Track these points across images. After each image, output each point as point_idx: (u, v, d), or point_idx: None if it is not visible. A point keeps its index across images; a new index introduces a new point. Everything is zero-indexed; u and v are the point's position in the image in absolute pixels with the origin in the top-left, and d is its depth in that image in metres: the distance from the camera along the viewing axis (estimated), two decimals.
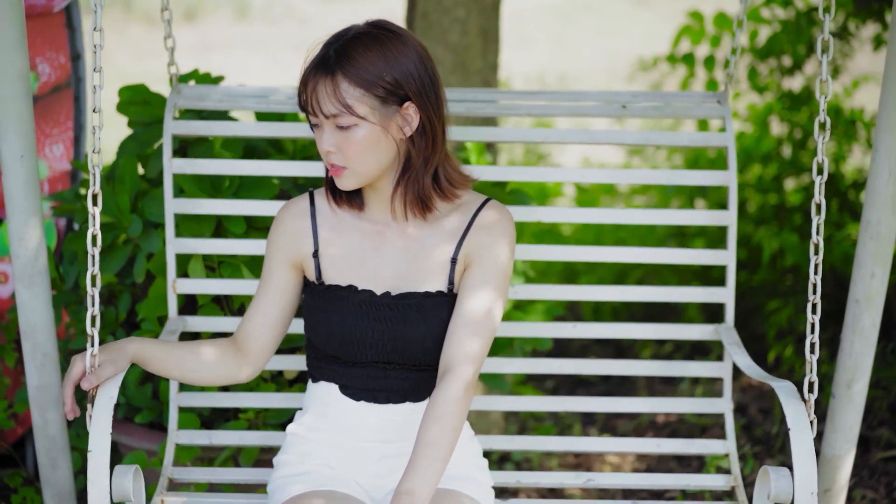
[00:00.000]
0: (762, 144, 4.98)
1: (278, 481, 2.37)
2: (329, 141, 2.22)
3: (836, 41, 4.78)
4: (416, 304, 2.31)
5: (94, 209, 2.29)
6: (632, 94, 2.94)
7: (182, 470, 2.72)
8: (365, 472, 2.36)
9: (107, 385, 2.26)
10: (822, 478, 2.91)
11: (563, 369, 2.90)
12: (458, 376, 2.22)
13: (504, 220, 2.34)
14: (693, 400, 2.90)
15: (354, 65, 2.19)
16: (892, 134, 2.66)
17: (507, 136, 3.08)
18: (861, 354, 2.80)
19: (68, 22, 3.43)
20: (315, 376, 2.40)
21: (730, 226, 2.84)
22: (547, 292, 2.91)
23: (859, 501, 3.44)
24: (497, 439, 2.84)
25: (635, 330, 2.92)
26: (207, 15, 11.86)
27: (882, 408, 3.84)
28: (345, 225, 2.35)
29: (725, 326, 2.86)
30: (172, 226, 2.79)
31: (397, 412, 2.34)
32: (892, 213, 2.71)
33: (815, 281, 2.38)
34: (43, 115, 3.39)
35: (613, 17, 12.11)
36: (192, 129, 2.84)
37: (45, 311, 2.73)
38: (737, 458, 2.80)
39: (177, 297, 2.80)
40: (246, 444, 2.81)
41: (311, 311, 2.35)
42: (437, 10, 3.81)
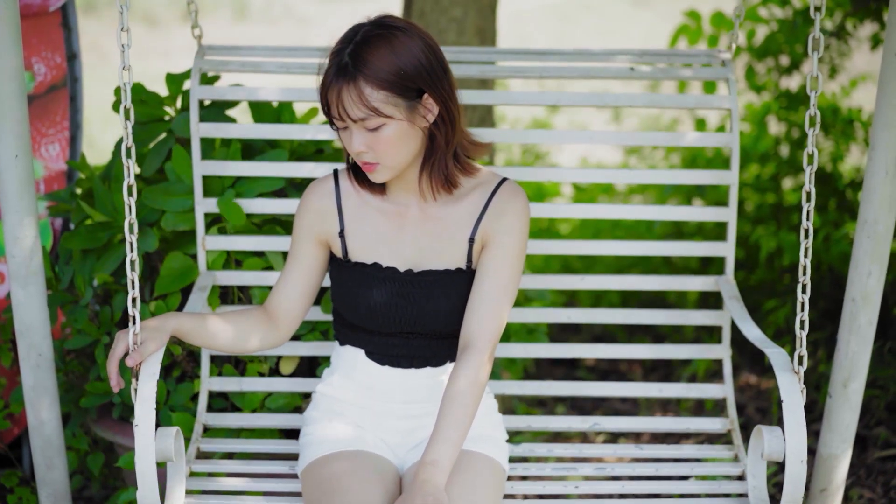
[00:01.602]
0: (760, 144, 4.98)
1: (309, 437, 2.55)
2: (359, 142, 2.34)
3: (833, 41, 4.77)
4: (436, 280, 2.47)
5: (130, 199, 2.35)
6: (639, 53, 3.00)
7: (215, 416, 2.87)
8: (390, 431, 2.55)
9: (149, 361, 2.36)
10: (818, 477, 2.90)
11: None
12: (477, 351, 2.39)
13: (519, 200, 2.48)
14: (693, 346, 3.03)
15: (372, 67, 2.29)
16: (889, 132, 2.65)
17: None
18: (857, 353, 2.80)
19: (64, 21, 3.43)
20: (342, 340, 2.58)
21: (731, 185, 2.94)
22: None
23: (856, 500, 3.44)
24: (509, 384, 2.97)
25: (638, 282, 3.02)
26: (207, 15, 11.85)
27: (880, 407, 3.84)
28: (369, 206, 2.51)
29: (725, 279, 2.98)
30: (201, 187, 2.89)
31: (419, 376, 2.53)
32: (888, 212, 2.70)
33: (805, 263, 2.44)
34: (39, 115, 3.38)
35: (613, 17, 12.11)
36: (217, 94, 2.92)
37: (41, 310, 2.73)
38: (734, 402, 2.94)
39: (206, 252, 2.91)
40: (276, 389, 2.92)
41: (339, 284, 2.53)
42: (435, 10, 3.81)
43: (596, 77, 2.99)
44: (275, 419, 2.89)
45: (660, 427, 2.94)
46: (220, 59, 2.94)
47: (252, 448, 2.79)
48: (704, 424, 2.93)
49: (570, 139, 3.07)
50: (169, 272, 2.92)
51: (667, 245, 3.01)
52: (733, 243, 2.96)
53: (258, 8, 12.34)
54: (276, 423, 2.88)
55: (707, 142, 3.01)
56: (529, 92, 3.03)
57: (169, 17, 11.70)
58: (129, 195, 2.36)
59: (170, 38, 10.90)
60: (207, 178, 2.94)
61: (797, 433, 2.35)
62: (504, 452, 2.57)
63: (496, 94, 2.99)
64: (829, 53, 4.81)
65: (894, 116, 2.64)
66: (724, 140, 2.95)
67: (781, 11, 4.84)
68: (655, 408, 4.19)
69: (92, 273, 2.99)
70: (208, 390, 2.92)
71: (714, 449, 2.86)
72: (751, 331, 2.74)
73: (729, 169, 2.95)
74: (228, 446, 2.80)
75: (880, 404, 3.84)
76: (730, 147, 2.94)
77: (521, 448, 2.84)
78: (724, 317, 2.99)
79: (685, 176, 2.99)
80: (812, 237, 2.48)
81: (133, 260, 2.37)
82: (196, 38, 3.00)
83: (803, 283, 2.44)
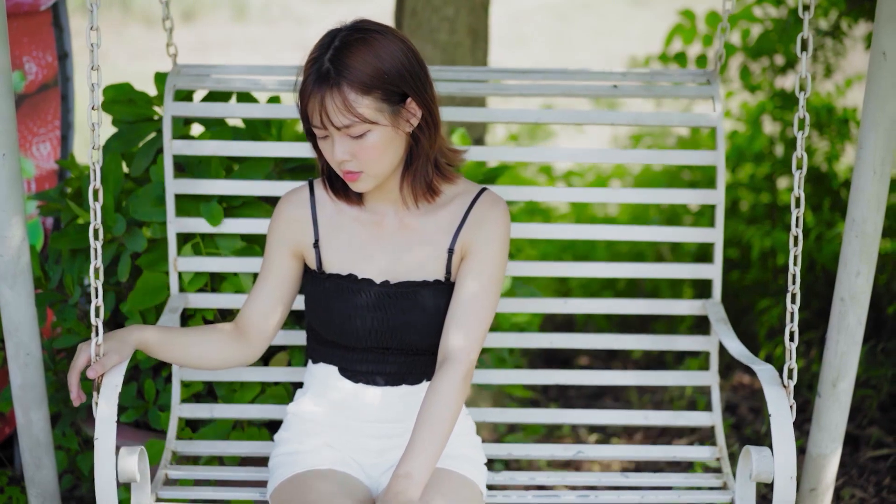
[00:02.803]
0: (754, 144, 4.97)
1: (279, 458, 2.46)
2: (343, 150, 2.27)
3: (828, 40, 4.77)
4: (413, 292, 2.39)
5: (96, 204, 2.34)
6: (622, 73, 2.97)
7: (186, 443, 2.80)
8: (363, 450, 2.45)
9: (111, 373, 2.31)
10: (808, 477, 2.90)
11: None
12: (457, 363, 2.31)
13: (499, 210, 2.41)
14: (680, 373, 2.95)
15: (355, 72, 2.22)
16: (877, 132, 2.65)
17: (496, 116, 3.06)
18: (846, 353, 2.79)
19: (55, 21, 3.43)
20: (315, 358, 2.49)
21: (718, 204, 2.88)
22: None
23: (848, 500, 3.43)
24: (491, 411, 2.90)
25: (625, 306, 2.96)
26: (206, 15, 11.86)
27: (872, 407, 3.83)
28: (344, 215, 2.43)
29: (712, 302, 2.92)
30: (173, 205, 2.84)
31: (394, 394, 2.44)
32: (876, 212, 2.70)
33: (795, 271, 2.41)
34: (30, 114, 3.38)
35: (611, 17, 12.11)
36: (191, 111, 2.88)
37: (28, 309, 2.73)
38: (722, 430, 2.87)
39: (178, 274, 2.86)
40: (247, 416, 2.87)
41: (312, 298, 2.44)
42: (426, 9, 3.81)
43: (579, 95, 2.93)
44: (249, 447, 2.80)
45: (647, 455, 2.84)
46: (194, 75, 2.90)
47: (222, 475, 2.71)
48: (692, 453, 2.85)
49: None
50: (144, 287, 2.90)
51: (652, 267, 2.95)
52: (720, 265, 2.89)
53: (257, 8, 12.34)
54: (249, 451, 2.80)
55: (692, 160, 2.95)
56: (511, 109, 2.98)
57: None
58: (95, 199, 2.33)
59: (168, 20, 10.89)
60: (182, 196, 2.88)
61: (786, 450, 2.30)
62: (482, 475, 2.49)
63: (477, 111, 2.92)
64: (823, 53, 4.81)
65: (882, 116, 2.63)
66: (710, 158, 2.89)
67: (776, 11, 4.84)
68: (648, 405, 4.20)
69: (80, 273, 2.98)
70: (178, 416, 2.84)
71: (702, 478, 2.77)
72: (737, 348, 2.68)
73: (714, 188, 2.88)
74: (197, 473, 2.72)
75: (873, 404, 3.83)
76: (715, 165, 2.88)
77: (501, 476, 2.76)
78: (712, 342, 2.92)
79: (669, 195, 2.93)
80: (801, 244, 2.42)
81: (97, 267, 2.33)
82: (171, 57, 2.94)
83: (793, 292, 2.40)
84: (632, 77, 2.96)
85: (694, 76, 2.98)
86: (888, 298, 4.18)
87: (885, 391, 3.86)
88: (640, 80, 2.96)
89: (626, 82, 2.95)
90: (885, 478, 3.53)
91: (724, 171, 2.88)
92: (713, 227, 2.92)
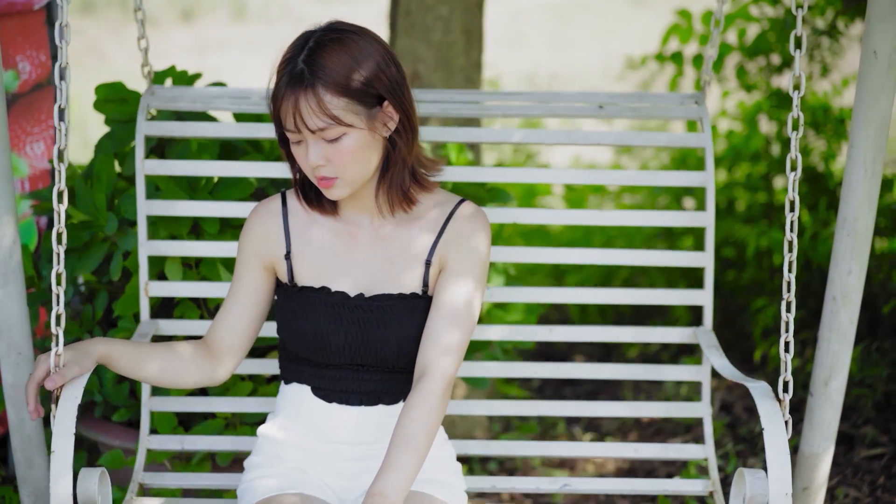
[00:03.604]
0: (751, 143, 4.97)
1: (248, 483, 2.35)
2: (317, 155, 2.17)
3: (825, 40, 4.77)
4: (389, 305, 2.29)
5: (60, 206, 2.27)
6: (609, 96, 2.92)
7: (153, 475, 2.70)
8: (336, 475, 2.34)
9: (71, 385, 2.22)
10: (800, 476, 2.89)
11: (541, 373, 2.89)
12: (436, 376, 2.21)
13: (479, 220, 2.32)
14: (672, 404, 2.88)
15: (330, 72, 2.14)
16: (868, 130, 2.65)
17: (489, 136, 3.05)
18: (838, 352, 2.79)
19: (49, 20, 3.43)
20: (287, 378, 2.38)
21: (707, 227, 2.82)
22: (529, 295, 2.91)
23: (842, 500, 3.43)
24: (475, 444, 2.82)
25: (615, 333, 2.89)
26: (205, 15, 11.86)
27: (867, 406, 3.83)
28: (318, 226, 2.33)
29: (704, 329, 2.84)
30: (145, 228, 2.78)
31: (370, 414, 2.32)
32: (868, 210, 2.70)
33: (790, 279, 2.35)
34: (24, 114, 3.39)
35: (611, 17, 12.10)
36: (165, 130, 2.82)
37: (20, 308, 2.73)
38: (715, 463, 2.79)
39: (149, 299, 2.79)
40: (219, 448, 2.79)
41: (284, 313, 2.33)
42: (420, 8, 3.80)
43: (565, 116, 2.89)
44: (219, 479, 2.72)
45: (637, 489, 2.77)
46: (168, 97, 2.86)
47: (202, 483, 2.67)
48: (684, 486, 2.78)
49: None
50: (133, 291, 2.87)
51: (643, 293, 2.87)
52: (711, 291, 2.81)
53: (256, 8, 12.33)
54: (220, 484, 2.71)
55: (681, 181, 2.89)
56: (494, 129, 2.95)
57: (167, 17, 11.70)
58: (60, 202, 2.27)
59: (168, 39, 10.91)
60: None
61: (781, 467, 2.21)
62: (462, 502, 2.38)
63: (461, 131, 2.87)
64: (820, 52, 4.81)
65: (873, 114, 2.63)
66: (700, 179, 2.84)
67: (773, 10, 4.84)
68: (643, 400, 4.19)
69: (73, 272, 2.98)
70: (147, 448, 2.76)
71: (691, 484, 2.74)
72: (729, 370, 2.62)
73: (704, 210, 2.82)
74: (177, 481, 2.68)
75: (867, 403, 3.83)
76: (704, 185, 2.83)
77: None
78: (703, 372, 2.83)
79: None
80: (796, 249, 2.35)
81: (59, 273, 2.27)
82: (145, 77, 2.90)
83: (787, 300, 2.35)
84: (619, 99, 2.91)
85: (682, 98, 2.93)
86: (884, 298, 4.17)
87: (880, 390, 3.86)
88: (628, 101, 2.91)
89: (613, 103, 2.89)
90: (879, 477, 3.53)
91: (714, 192, 2.79)
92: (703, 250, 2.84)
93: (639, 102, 2.92)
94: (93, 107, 3.02)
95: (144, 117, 2.79)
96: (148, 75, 2.89)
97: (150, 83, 2.89)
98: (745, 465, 3.69)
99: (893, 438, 3.71)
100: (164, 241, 2.79)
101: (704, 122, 2.85)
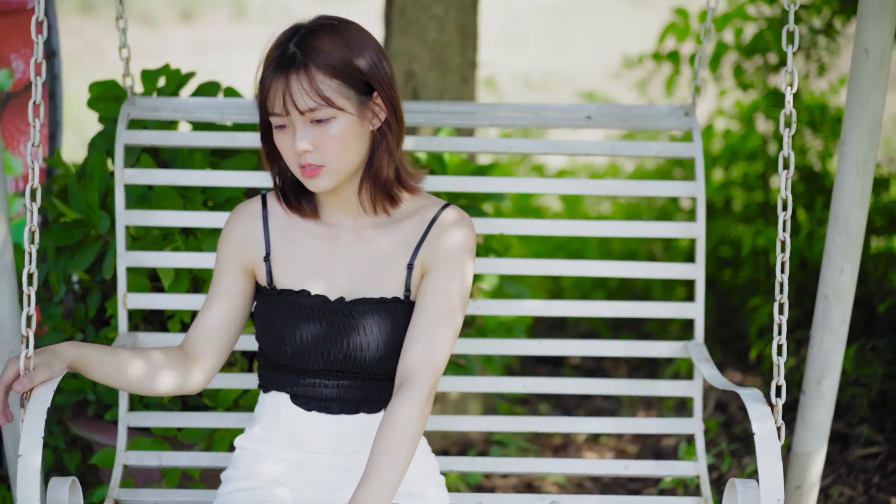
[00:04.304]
0: (748, 142, 4.97)
1: (224, 497, 2.28)
2: (304, 138, 2.12)
3: (822, 38, 4.77)
4: (370, 310, 2.23)
5: (33, 205, 2.21)
6: (598, 107, 2.89)
7: (129, 491, 2.63)
8: (316, 486, 2.28)
9: (41, 389, 2.15)
10: (792, 474, 2.89)
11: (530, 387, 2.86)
12: (416, 386, 2.15)
13: (464, 225, 2.26)
14: (663, 420, 2.83)
15: (324, 55, 2.11)
16: (859, 129, 2.65)
17: (480, 146, 3.01)
18: (830, 350, 2.79)
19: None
20: (266, 387, 2.32)
21: (698, 238, 2.79)
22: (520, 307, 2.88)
23: (837, 499, 3.43)
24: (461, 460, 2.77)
25: (603, 347, 2.86)
26: (204, 15, 11.87)
27: (862, 405, 3.83)
28: (298, 228, 2.28)
29: (695, 343, 2.80)
30: (123, 239, 2.74)
31: (351, 423, 2.26)
32: (860, 208, 2.70)
33: (783, 280, 2.30)
34: (17, 112, 3.39)
35: (611, 17, 12.09)
36: (145, 140, 2.79)
37: (11, 307, 2.72)
38: (707, 480, 2.73)
39: (127, 312, 2.74)
40: (197, 465, 2.72)
41: (262, 317, 2.27)
42: (416, 7, 3.80)
43: (552, 126, 2.87)
44: (198, 495, 2.63)
45: None
46: (149, 107, 2.82)
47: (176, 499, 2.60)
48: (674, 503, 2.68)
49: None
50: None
51: (634, 306, 2.83)
52: (702, 305, 2.77)
53: (256, 8, 12.34)
54: (199, 499, 2.61)
55: (672, 191, 2.86)
56: (484, 139, 2.94)
57: (166, 16, 11.70)
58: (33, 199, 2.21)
59: (167, 39, 10.91)
60: None
61: (773, 473, 2.16)
62: None
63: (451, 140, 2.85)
64: (817, 51, 4.81)
65: (865, 112, 2.63)
66: (689, 189, 2.81)
67: (769, 9, 4.83)
68: (638, 406, 4.20)
69: (66, 270, 2.98)
70: (123, 464, 2.68)
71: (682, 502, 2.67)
72: (720, 381, 2.57)
73: (695, 220, 2.78)
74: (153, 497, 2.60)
75: (863, 402, 3.83)
76: (694, 196, 2.79)
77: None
78: (695, 387, 2.78)
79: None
80: (789, 250, 2.31)
81: (31, 273, 2.21)
82: (127, 88, 2.86)
83: (780, 302, 2.29)
84: (607, 110, 2.88)
85: (672, 110, 2.89)
86: (880, 297, 4.17)
87: (875, 389, 3.86)
88: (617, 111, 2.88)
89: (602, 114, 2.86)
90: (873, 476, 3.53)
91: (704, 203, 2.77)
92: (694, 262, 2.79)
93: (628, 113, 2.88)
94: (86, 105, 3.02)
95: (124, 126, 2.76)
96: (129, 86, 2.85)
97: (131, 93, 2.85)
98: (739, 465, 3.69)
99: (888, 437, 3.71)
100: (143, 252, 2.75)
101: (694, 133, 2.81)
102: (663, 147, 2.87)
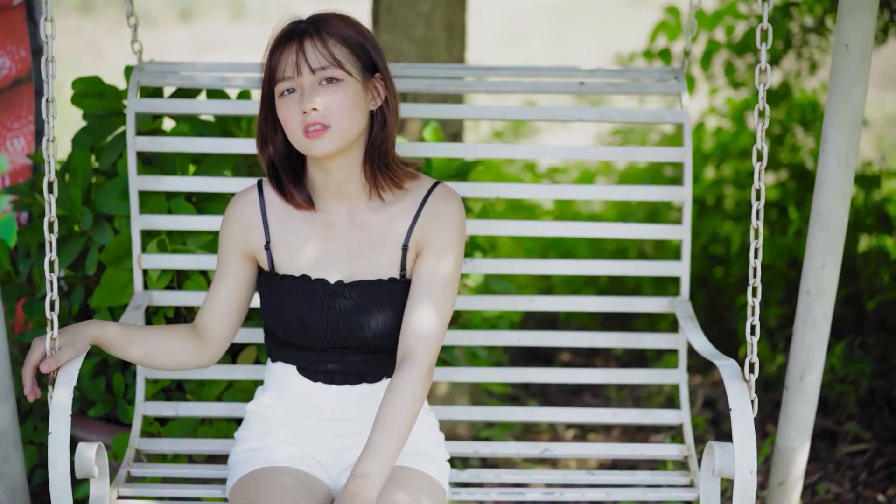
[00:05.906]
0: (739, 140, 4.97)
1: (239, 455, 2.44)
2: (312, 98, 2.23)
3: (813, 36, 4.77)
4: (369, 291, 2.35)
5: (51, 197, 2.31)
6: (590, 71, 2.95)
7: (149, 441, 2.76)
8: (322, 449, 2.42)
9: (66, 368, 2.27)
10: (776, 470, 2.89)
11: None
12: (417, 360, 2.29)
13: (453, 203, 2.38)
14: (649, 371, 2.92)
15: (335, 28, 2.27)
16: (840, 124, 2.65)
17: (469, 112, 3.08)
18: (812, 346, 2.79)
19: (29, 15, 3.42)
20: (273, 357, 2.45)
21: (685, 201, 2.85)
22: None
23: (824, 495, 3.42)
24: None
25: (590, 303, 2.93)
26: (203, 14, 11.86)
27: (850, 402, 3.82)
28: (295, 216, 2.38)
29: (680, 299, 2.88)
30: (137, 203, 2.82)
31: (354, 393, 2.40)
32: (841, 203, 2.70)
33: (756, 265, 2.37)
34: (4, 109, 3.39)
35: (610, 17, 12.09)
36: (155, 108, 2.86)
37: None
38: (690, 429, 2.84)
39: (142, 272, 2.84)
40: (213, 415, 2.84)
41: (266, 300, 2.41)
42: (402, 4, 3.80)
43: (544, 92, 2.92)
44: (211, 444, 2.78)
45: (616, 453, 2.83)
46: (160, 72, 2.88)
47: (187, 473, 2.68)
48: (660, 451, 2.82)
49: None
50: (109, 282, 2.88)
51: (621, 265, 2.90)
52: (688, 262, 2.86)
53: (255, 7, 12.33)
54: (212, 449, 2.77)
55: (659, 157, 2.92)
56: (478, 106, 3.00)
57: (166, 16, 11.70)
58: (50, 192, 2.31)
59: (167, 38, 10.92)
60: None
61: (746, 444, 2.26)
62: (444, 473, 2.46)
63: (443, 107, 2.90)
64: (808, 49, 4.80)
65: (846, 107, 2.63)
66: (678, 155, 2.87)
67: (760, 8, 4.82)
68: (627, 400, 4.19)
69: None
70: (143, 415, 2.81)
71: (671, 475, 2.73)
72: (702, 345, 2.64)
73: (682, 184, 2.85)
74: (160, 471, 2.69)
75: (851, 400, 3.82)
76: (683, 161, 2.85)
77: (466, 473, 2.72)
78: (680, 340, 2.88)
79: (638, 192, 2.93)
80: (762, 238, 2.37)
81: (52, 260, 2.31)
82: (136, 53, 2.92)
83: (753, 286, 2.36)
84: (599, 74, 2.94)
85: (661, 73, 2.96)
86: (869, 294, 4.17)
87: (863, 387, 3.86)
88: (607, 77, 2.94)
89: (593, 79, 2.93)
90: (861, 473, 3.52)
91: (691, 167, 2.84)
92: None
93: (619, 78, 2.96)
94: (70, 101, 3.02)
95: (135, 94, 2.83)
96: (138, 52, 2.92)
97: (140, 59, 2.92)
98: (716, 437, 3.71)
99: (876, 434, 3.70)
100: (155, 216, 2.84)
101: (683, 97, 2.89)
102: (652, 113, 2.93)
